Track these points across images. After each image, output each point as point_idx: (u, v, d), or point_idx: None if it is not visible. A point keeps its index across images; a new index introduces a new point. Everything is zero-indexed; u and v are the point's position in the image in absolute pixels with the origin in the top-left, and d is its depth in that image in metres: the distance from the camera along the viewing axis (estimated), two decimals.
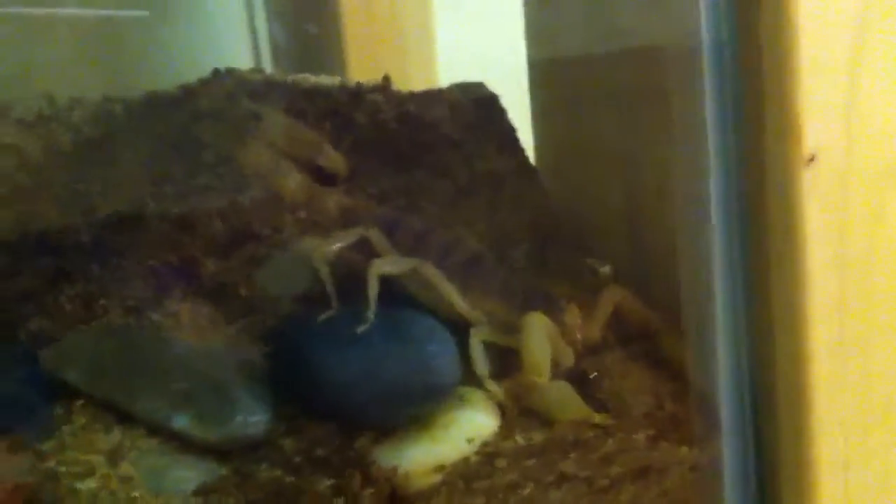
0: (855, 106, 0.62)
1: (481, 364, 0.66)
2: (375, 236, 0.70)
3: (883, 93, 0.63)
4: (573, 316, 0.70)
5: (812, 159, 0.62)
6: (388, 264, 0.67)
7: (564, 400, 0.66)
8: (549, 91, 0.95)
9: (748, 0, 0.62)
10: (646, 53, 0.75)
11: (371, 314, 0.65)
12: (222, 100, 0.87)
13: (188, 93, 0.87)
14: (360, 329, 0.64)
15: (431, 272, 0.68)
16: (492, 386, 0.66)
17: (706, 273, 0.66)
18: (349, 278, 0.70)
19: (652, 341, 0.73)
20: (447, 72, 1.02)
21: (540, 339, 0.66)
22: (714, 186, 0.65)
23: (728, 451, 0.66)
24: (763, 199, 0.64)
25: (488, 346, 0.68)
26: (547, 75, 0.95)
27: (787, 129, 0.62)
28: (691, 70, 0.65)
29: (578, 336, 0.69)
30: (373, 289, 0.65)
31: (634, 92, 0.80)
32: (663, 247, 0.75)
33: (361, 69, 1.00)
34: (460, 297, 0.69)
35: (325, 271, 0.67)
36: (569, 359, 0.68)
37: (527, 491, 0.63)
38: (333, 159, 0.76)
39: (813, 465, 0.64)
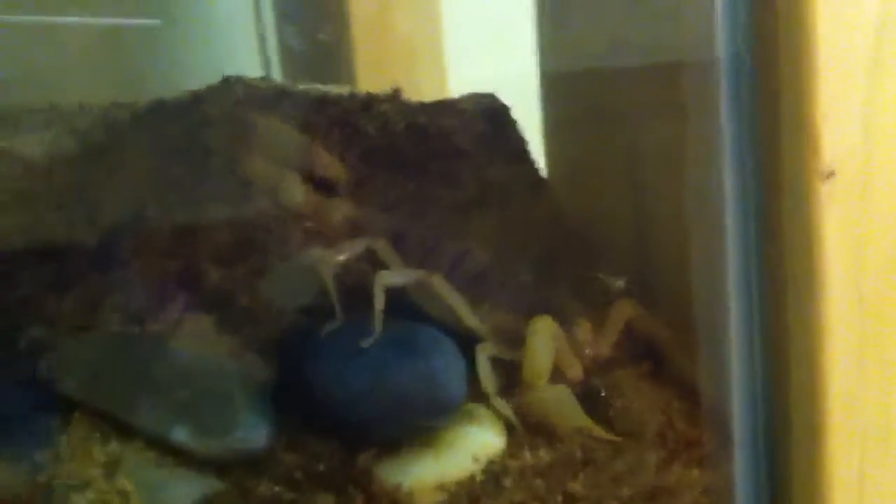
0: (874, 116, 0.61)
1: (489, 380, 0.64)
2: (382, 247, 0.68)
3: None
4: (584, 331, 0.68)
5: (831, 174, 0.60)
6: (394, 276, 0.66)
7: (562, 405, 0.64)
8: (562, 106, 0.93)
9: (765, 12, 0.61)
10: (661, 69, 0.74)
11: (377, 327, 0.63)
12: (231, 107, 0.86)
13: (196, 99, 0.86)
14: (366, 343, 0.62)
15: (440, 284, 0.66)
16: (499, 403, 0.65)
17: (721, 289, 0.65)
18: (355, 290, 0.68)
19: (664, 358, 0.71)
20: (457, 84, 1.00)
21: (544, 341, 0.64)
22: (730, 201, 0.64)
23: (740, 471, 0.65)
24: (780, 213, 0.62)
25: (496, 362, 0.66)
26: (559, 89, 0.93)
27: (805, 143, 0.60)
28: (707, 85, 0.64)
29: (588, 352, 0.68)
30: (379, 301, 0.64)
31: (649, 107, 0.78)
32: (676, 262, 0.74)
33: (371, 80, 0.98)
34: (469, 310, 0.67)
35: (330, 282, 0.66)
36: (576, 371, 0.66)
37: None
38: (328, 165, 0.74)
39: (827, 482, 0.63)
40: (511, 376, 0.67)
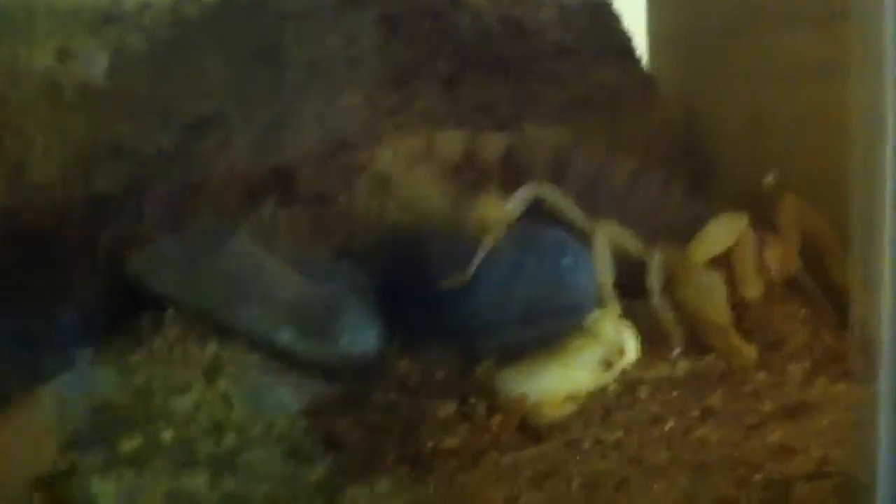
0: None
1: (656, 279, 0.59)
2: (549, 193, 0.61)
3: None
4: (775, 251, 0.61)
5: None
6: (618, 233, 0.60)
7: (712, 293, 0.58)
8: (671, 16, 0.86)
9: None
10: None
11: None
12: (307, 1, 0.80)
13: None
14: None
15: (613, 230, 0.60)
16: (661, 304, 0.59)
17: (877, 185, 0.58)
18: None
19: (820, 260, 0.63)
20: None
21: (725, 227, 0.59)
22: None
23: (886, 389, 0.59)
24: None
25: None
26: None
27: None
28: None
29: (774, 272, 0.61)
30: (602, 258, 0.58)
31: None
32: (816, 169, 0.67)
33: None
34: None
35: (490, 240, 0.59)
36: (756, 291, 0.60)
37: (669, 426, 0.56)
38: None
39: None
40: None
